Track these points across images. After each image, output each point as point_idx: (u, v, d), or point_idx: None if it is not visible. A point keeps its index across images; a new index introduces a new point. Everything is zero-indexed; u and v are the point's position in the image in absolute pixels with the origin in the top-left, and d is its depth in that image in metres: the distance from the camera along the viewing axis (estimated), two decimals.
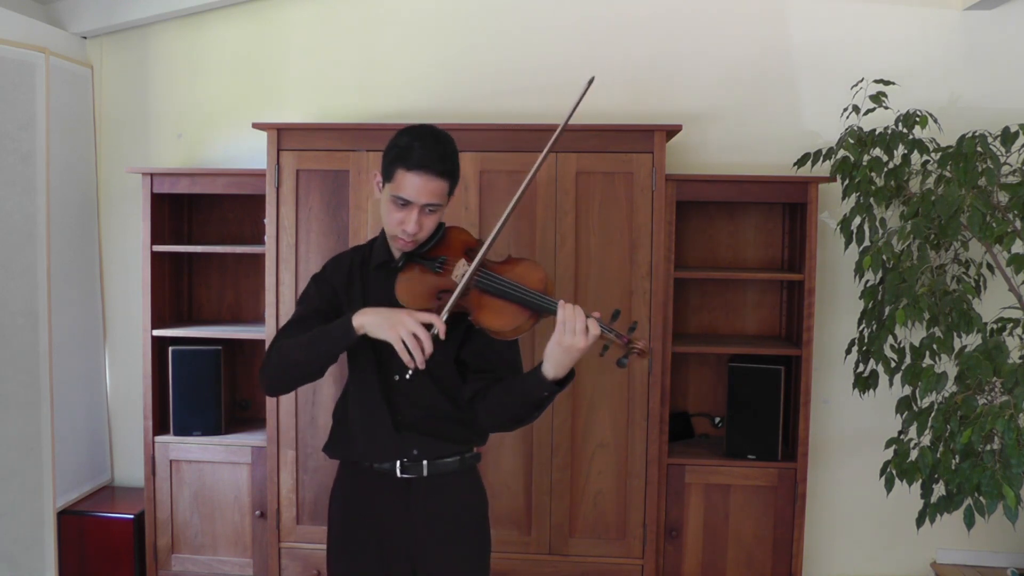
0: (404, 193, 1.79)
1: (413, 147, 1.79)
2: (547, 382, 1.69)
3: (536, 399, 1.73)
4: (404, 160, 1.79)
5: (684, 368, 3.35)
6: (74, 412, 3.40)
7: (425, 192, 1.79)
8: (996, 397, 2.51)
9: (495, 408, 1.81)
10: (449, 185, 1.85)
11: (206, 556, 3.23)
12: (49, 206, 3.12)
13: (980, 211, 2.56)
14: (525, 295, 1.76)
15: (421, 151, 1.79)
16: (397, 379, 1.89)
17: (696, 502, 3.08)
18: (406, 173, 1.79)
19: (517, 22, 3.36)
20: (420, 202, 1.80)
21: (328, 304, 1.94)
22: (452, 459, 1.93)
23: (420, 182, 1.79)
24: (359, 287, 1.94)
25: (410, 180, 1.79)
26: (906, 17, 3.22)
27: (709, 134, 3.31)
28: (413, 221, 1.80)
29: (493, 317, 1.77)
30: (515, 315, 1.76)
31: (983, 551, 3.27)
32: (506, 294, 1.78)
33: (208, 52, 3.51)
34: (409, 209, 1.80)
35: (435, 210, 1.84)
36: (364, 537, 1.93)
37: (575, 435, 2.97)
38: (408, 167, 1.79)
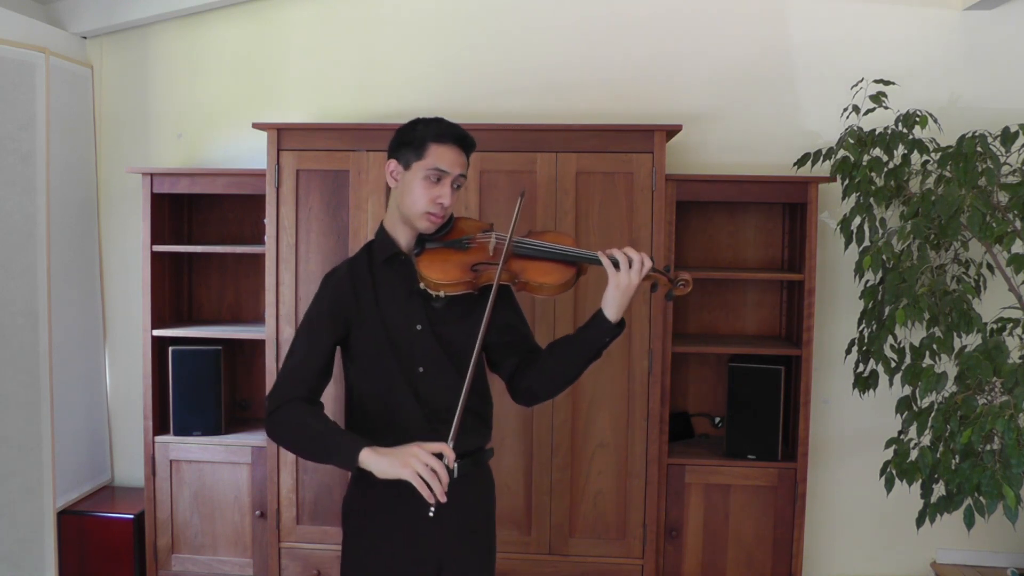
0: (442, 164, 1.86)
1: (441, 124, 1.89)
2: (610, 325, 1.82)
3: (598, 346, 1.85)
4: (438, 136, 1.87)
5: (684, 368, 3.35)
6: (74, 412, 3.40)
7: (459, 163, 1.88)
8: (996, 397, 2.51)
9: (552, 370, 1.90)
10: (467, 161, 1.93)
11: (206, 556, 3.23)
12: (49, 206, 3.12)
13: (980, 211, 2.55)
14: (565, 252, 1.87)
15: (448, 126, 1.89)
16: (422, 371, 1.89)
17: (696, 502, 3.08)
18: (441, 147, 1.86)
19: (517, 22, 3.36)
20: (455, 172, 1.87)
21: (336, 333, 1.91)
22: (474, 458, 1.95)
23: (454, 154, 1.88)
24: (370, 290, 1.92)
25: (445, 151, 1.86)
26: (906, 17, 3.22)
27: (709, 134, 3.31)
28: (448, 195, 1.87)
29: (540, 275, 1.86)
30: (560, 271, 1.87)
31: (983, 551, 3.27)
32: (546, 255, 1.88)
33: (208, 52, 3.51)
34: (444, 182, 1.87)
35: (461, 185, 1.91)
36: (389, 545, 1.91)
37: (575, 435, 2.97)
38: (443, 140, 1.87)
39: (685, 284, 1.84)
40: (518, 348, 1.95)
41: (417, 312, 1.90)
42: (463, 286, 1.84)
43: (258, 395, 3.49)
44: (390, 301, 1.90)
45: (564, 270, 1.86)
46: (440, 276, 1.84)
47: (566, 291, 1.89)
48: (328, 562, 3.05)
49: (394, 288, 1.91)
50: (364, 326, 1.90)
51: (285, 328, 3.02)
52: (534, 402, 1.97)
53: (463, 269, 1.86)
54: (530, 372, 1.91)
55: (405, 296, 1.90)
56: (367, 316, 1.90)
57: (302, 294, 3.02)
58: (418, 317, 1.89)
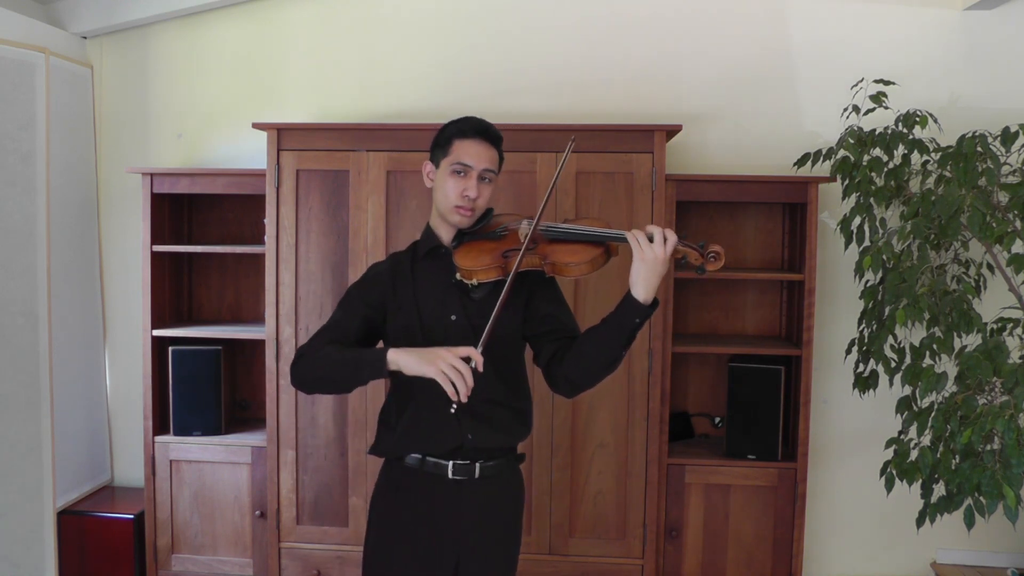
0: (465, 159, 1.91)
1: (466, 121, 1.95)
2: (640, 305, 1.77)
3: (630, 328, 1.79)
4: (460, 131, 1.93)
5: (684, 368, 3.35)
6: (74, 412, 3.40)
7: (484, 157, 1.92)
8: (996, 397, 2.51)
9: (587, 355, 1.85)
10: (499, 157, 1.97)
11: (206, 556, 3.23)
12: (49, 206, 3.12)
13: (980, 211, 2.55)
14: (592, 232, 1.87)
15: (472, 121, 1.95)
16: None
17: (696, 502, 3.08)
18: (463, 141, 1.92)
19: (517, 22, 3.36)
20: (479, 167, 1.91)
21: (372, 308, 1.96)
22: (500, 460, 1.96)
23: (479, 148, 1.92)
24: (409, 279, 1.96)
25: (469, 146, 1.92)
26: (906, 17, 3.22)
27: (709, 134, 3.31)
28: (474, 186, 1.90)
29: (566, 255, 1.86)
30: (587, 250, 1.86)
31: (983, 551, 3.27)
32: (574, 236, 1.89)
33: (208, 52, 3.51)
34: (468, 175, 1.91)
35: (490, 179, 1.94)
36: (410, 540, 1.93)
37: (575, 435, 2.97)
38: (466, 136, 1.93)
39: (716, 257, 1.78)
40: (556, 337, 1.93)
41: (453, 303, 1.93)
42: (494, 271, 1.87)
43: (258, 395, 3.49)
44: (428, 292, 1.94)
45: (590, 249, 1.86)
46: (472, 263, 1.88)
47: (595, 270, 1.87)
48: (328, 562, 3.05)
49: (433, 280, 1.95)
50: (399, 315, 1.94)
51: (285, 328, 3.02)
52: (573, 391, 1.94)
53: (494, 255, 1.89)
54: (567, 359, 1.88)
55: (443, 288, 1.93)
56: (403, 305, 1.94)
57: (302, 294, 3.02)
58: (454, 308, 1.92)
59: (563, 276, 1.89)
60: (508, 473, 1.99)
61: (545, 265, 1.87)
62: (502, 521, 1.98)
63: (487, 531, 1.94)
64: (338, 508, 3.05)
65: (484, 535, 1.94)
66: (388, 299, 1.96)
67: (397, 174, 2.96)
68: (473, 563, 1.93)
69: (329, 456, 3.04)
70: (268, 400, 3.05)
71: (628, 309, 1.79)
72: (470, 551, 1.93)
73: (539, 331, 1.95)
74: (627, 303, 1.79)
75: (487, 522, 1.94)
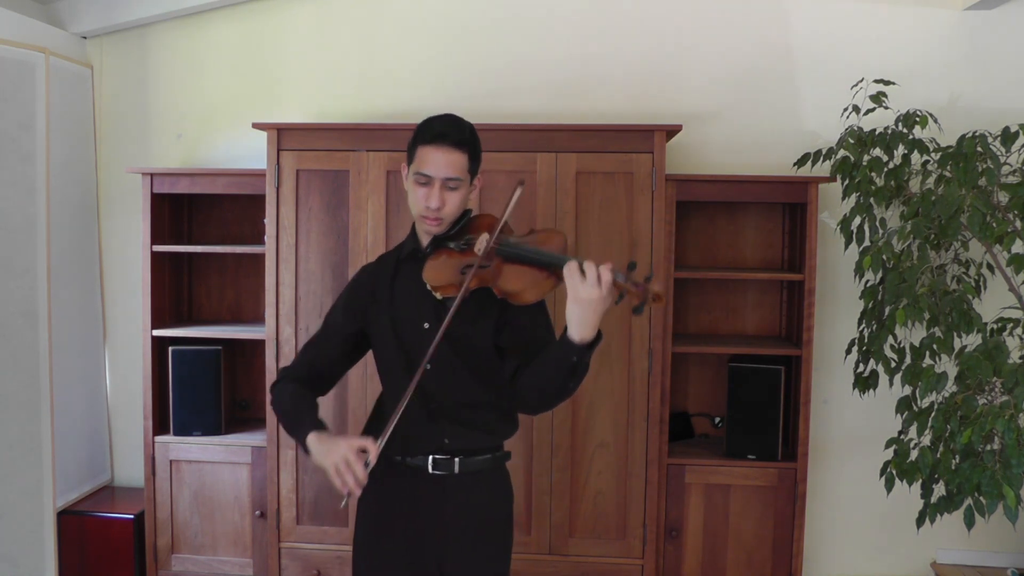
0: (425, 168, 1.83)
1: (431, 124, 1.86)
2: (573, 345, 1.65)
3: (568, 365, 1.69)
4: (423, 136, 1.85)
5: (684, 368, 3.35)
6: (74, 412, 3.40)
7: (444, 165, 1.82)
8: (996, 397, 2.51)
9: (534, 382, 1.79)
10: (468, 159, 1.86)
11: (206, 556, 3.23)
12: (49, 206, 3.12)
13: (980, 211, 2.55)
14: (542, 256, 1.75)
15: (439, 124, 1.85)
16: (429, 367, 1.86)
17: (696, 502, 3.08)
18: (425, 147, 1.84)
19: (517, 22, 3.36)
20: (440, 176, 1.82)
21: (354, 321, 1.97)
22: (484, 457, 1.94)
23: (438, 155, 1.83)
24: (388, 285, 1.95)
25: (428, 154, 1.83)
26: (906, 17, 3.22)
27: (709, 134, 3.31)
28: (436, 196, 1.83)
29: (513, 281, 1.77)
30: (533, 276, 1.75)
31: (983, 551, 3.27)
32: (525, 258, 1.78)
33: (208, 52, 3.50)
34: (431, 185, 1.83)
35: (456, 186, 1.85)
36: (393, 535, 1.94)
37: (575, 435, 2.97)
38: (425, 141, 1.84)
39: (656, 297, 1.61)
40: (523, 352, 1.84)
41: (428, 310, 1.90)
42: (452, 288, 1.81)
43: (258, 395, 3.49)
44: (405, 297, 1.93)
45: (536, 275, 1.75)
46: (434, 278, 1.84)
47: (544, 295, 1.78)
48: (328, 562, 3.05)
49: (410, 285, 1.92)
50: (378, 320, 1.94)
51: (285, 328, 3.02)
52: (533, 411, 1.92)
53: (453, 272, 1.83)
54: (522, 378, 1.81)
55: (420, 294, 1.90)
56: (381, 310, 1.94)
57: (302, 294, 3.02)
58: (428, 315, 1.90)
59: (512, 302, 1.78)
60: (492, 470, 1.97)
61: (495, 288, 1.78)
62: (487, 518, 1.96)
63: (471, 527, 1.93)
64: (338, 508, 3.05)
65: (468, 531, 1.93)
66: (369, 306, 1.96)
67: (397, 174, 2.96)
68: (458, 559, 1.92)
69: None
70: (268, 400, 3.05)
71: (564, 347, 1.67)
72: (455, 547, 1.92)
73: (507, 343, 1.87)
74: (563, 341, 1.68)
75: (471, 518, 1.93)
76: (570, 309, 1.64)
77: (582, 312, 1.63)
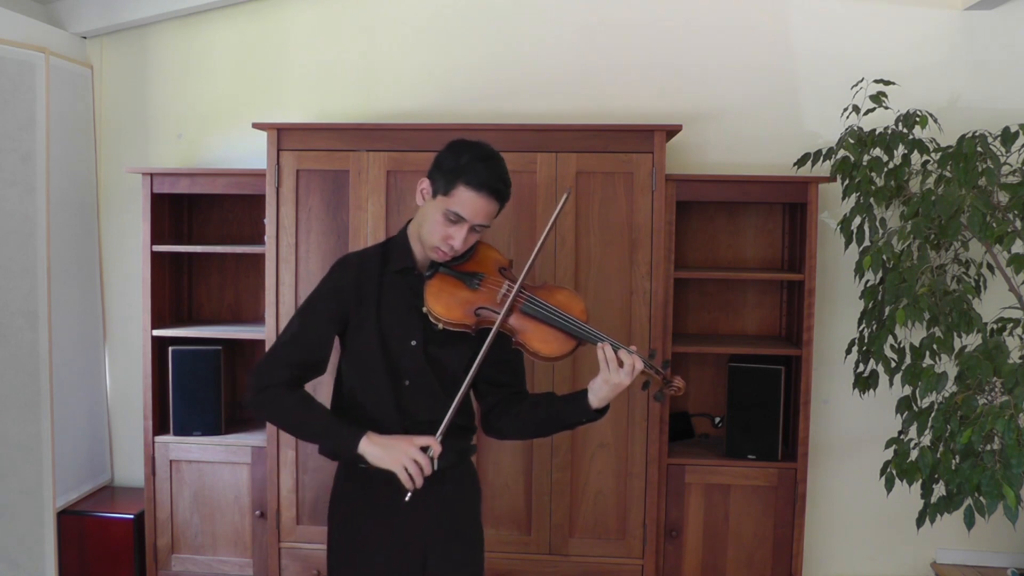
0: (461, 210, 1.81)
1: (479, 168, 1.81)
2: (591, 411, 1.86)
3: (573, 423, 1.91)
4: (469, 178, 1.80)
5: (684, 368, 3.34)
6: (74, 412, 3.40)
7: (481, 213, 1.83)
8: (996, 397, 2.51)
9: (526, 425, 1.96)
10: (499, 208, 1.89)
11: (206, 556, 3.23)
12: (49, 206, 3.12)
13: (980, 211, 2.55)
14: (571, 324, 1.85)
15: (487, 172, 1.81)
16: (408, 384, 1.90)
17: (696, 502, 3.08)
18: (468, 191, 1.80)
19: (517, 23, 3.36)
20: (474, 222, 1.83)
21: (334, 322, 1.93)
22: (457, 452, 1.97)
23: (480, 203, 1.81)
24: (373, 290, 1.92)
25: (470, 199, 1.81)
26: (906, 17, 3.22)
27: (709, 134, 3.31)
28: (461, 238, 1.83)
29: (541, 343, 1.84)
30: (562, 342, 1.85)
31: (983, 551, 3.27)
32: (551, 320, 1.85)
33: (208, 52, 3.51)
34: (460, 226, 1.82)
35: (481, 230, 1.88)
36: (372, 537, 1.94)
37: (575, 435, 2.96)
38: (471, 185, 1.80)
39: (677, 390, 1.88)
40: (505, 387, 1.98)
41: (415, 328, 1.90)
42: (463, 327, 1.85)
43: None
44: (391, 311, 1.91)
45: (564, 342, 1.85)
46: (443, 312, 1.84)
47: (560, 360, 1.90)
48: None
49: (399, 299, 1.91)
50: (361, 328, 1.91)
51: None
52: (500, 438, 2.04)
53: (466, 310, 1.85)
54: (507, 415, 1.95)
55: (408, 310, 1.90)
56: (366, 319, 1.91)
57: (302, 294, 3.02)
58: (415, 333, 1.90)
59: (529, 357, 1.89)
60: (462, 465, 2.01)
61: (514, 340, 1.86)
62: (463, 515, 2.00)
63: (450, 524, 1.96)
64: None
65: (447, 528, 1.96)
66: (351, 311, 1.92)
67: (397, 174, 2.96)
68: (440, 556, 1.94)
69: None
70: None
71: (578, 410, 1.87)
72: (435, 544, 1.94)
73: (491, 374, 1.96)
74: (579, 405, 1.87)
75: (448, 515, 1.96)
76: (599, 387, 1.83)
77: (610, 392, 1.82)
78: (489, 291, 1.87)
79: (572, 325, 1.84)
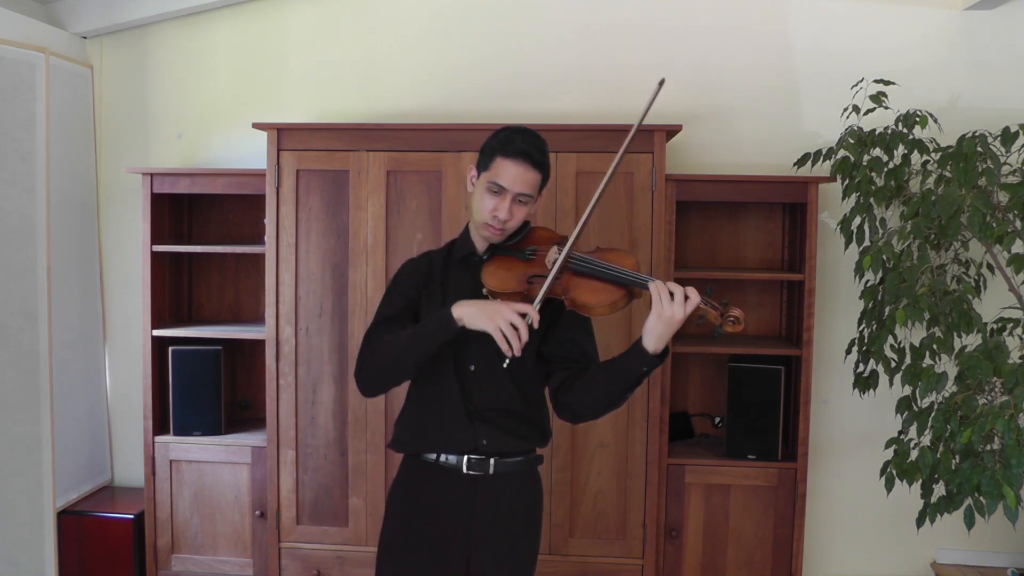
0: (501, 180, 1.86)
1: (514, 138, 1.88)
2: (648, 356, 1.76)
3: (636, 375, 1.79)
4: (504, 148, 1.87)
5: (684, 368, 3.35)
6: (74, 412, 3.40)
7: (520, 181, 1.87)
8: (996, 397, 2.51)
9: (591, 392, 1.86)
10: (542, 179, 1.92)
11: (206, 556, 3.23)
12: (49, 206, 3.12)
13: (980, 211, 2.55)
14: (617, 273, 1.83)
15: (522, 141, 1.88)
16: (473, 369, 1.91)
17: (696, 502, 3.08)
18: (505, 160, 1.87)
19: (517, 23, 3.36)
20: (514, 190, 1.86)
21: (411, 302, 1.98)
22: (517, 459, 1.96)
23: (518, 170, 1.86)
24: (439, 282, 1.97)
25: (508, 167, 1.86)
26: (906, 17, 3.22)
27: (709, 134, 3.31)
28: (506, 208, 1.86)
29: (588, 294, 1.83)
30: (609, 291, 1.83)
31: (983, 551, 3.27)
32: (599, 274, 1.84)
33: (208, 52, 3.51)
34: (503, 196, 1.87)
35: (526, 201, 1.89)
36: (423, 532, 1.94)
37: (575, 435, 2.97)
38: (507, 155, 1.87)
39: (735, 321, 1.75)
40: (572, 363, 1.93)
41: None
42: (516, 296, 1.85)
43: (258, 395, 3.49)
44: (456, 296, 1.93)
45: (613, 291, 1.83)
46: (497, 284, 1.87)
47: (615, 312, 1.86)
48: (328, 562, 3.05)
49: (462, 286, 1.95)
50: (429, 312, 1.95)
51: (285, 328, 3.03)
52: (575, 420, 1.95)
53: (519, 279, 1.87)
54: (573, 390, 1.88)
55: (470, 295, 1.92)
56: (432, 304, 1.95)
57: (302, 294, 3.02)
58: None
59: (582, 314, 1.86)
60: (525, 473, 1.99)
61: (566, 299, 1.85)
62: (516, 519, 1.98)
63: (500, 528, 1.95)
64: (338, 508, 3.05)
65: (497, 532, 1.94)
66: (421, 295, 1.98)
67: (397, 174, 2.96)
68: (485, 560, 1.93)
69: (329, 456, 3.04)
70: (268, 400, 3.05)
71: (636, 357, 1.78)
72: (482, 547, 1.93)
73: (556, 353, 1.94)
74: (636, 352, 1.78)
75: (501, 519, 1.94)
76: (652, 324, 1.74)
77: (664, 327, 1.73)
78: (540, 260, 1.91)
79: (621, 274, 1.82)
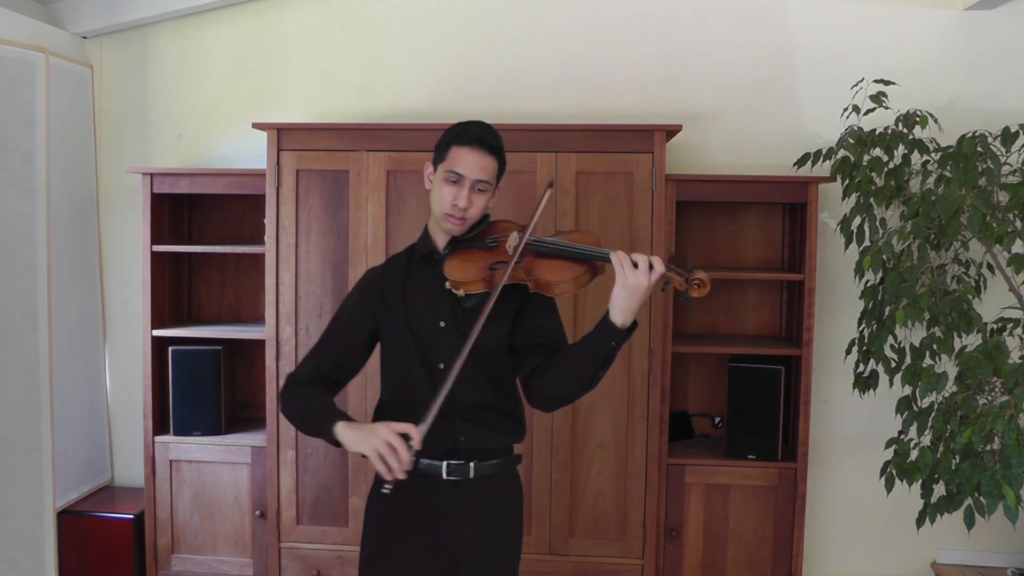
0: (458, 167, 1.88)
1: (468, 127, 1.91)
2: (616, 329, 1.73)
3: (607, 351, 1.76)
4: (459, 137, 1.90)
5: (684, 368, 3.35)
6: (74, 412, 3.40)
7: (477, 167, 1.88)
8: (996, 397, 2.51)
9: (563, 374, 1.84)
10: (498, 166, 1.93)
11: (206, 556, 3.23)
12: (49, 206, 3.12)
13: (980, 211, 2.55)
14: (579, 249, 1.84)
15: (476, 128, 1.91)
16: (442, 367, 1.89)
17: (696, 502, 3.08)
18: (460, 148, 1.89)
19: (518, 22, 3.36)
20: (472, 176, 1.87)
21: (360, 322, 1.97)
22: (496, 461, 1.95)
23: (474, 157, 1.88)
24: (399, 285, 1.96)
25: (464, 155, 1.88)
26: (906, 17, 3.22)
27: (709, 134, 3.31)
28: (465, 196, 1.87)
29: (550, 272, 1.84)
30: (571, 268, 1.83)
31: (983, 551, 3.27)
32: (561, 252, 1.86)
33: (208, 52, 3.50)
34: (461, 184, 1.88)
35: (484, 189, 1.90)
36: (407, 541, 1.93)
37: (575, 435, 2.97)
38: (462, 143, 1.89)
39: (700, 284, 1.72)
40: (542, 347, 1.91)
41: (443, 309, 1.92)
42: (480, 284, 1.86)
43: (258, 395, 3.49)
44: (418, 297, 1.94)
45: (575, 267, 1.83)
46: (459, 275, 1.87)
47: (580, 288, 1.85)
48: (328, 562, 3.05)
49: (425, 285, 1.94)
50: (390, 320, 1.95)
51: (285, 328, 3.03)
52: (550, 406, 1.93)
53: (482, 268, 1.88)
54: (546, 373, 1.86)
55: (435, 294, 1.92)
56: (394, 310, 1.94)
57: (302, 294, 3.02)
58: (443, 314, 1.92)
59: (547, 294, 1.86)
60: (504, 474, 1.98)
61: (529, 281, 1.85)
62: (500, 522, 1.97)
63: (485, 532, 1.93)
64: (338, 508, 3.05)
65: (483, 536, 1.93)
66: (378, 308, 1.96)
67: (397, 174, 2.97)
68: (473, 565, 1.92)
69: (329, 456, 3.04)
70: (268, 400, 3.05)
71: (604, 332, 1.75)
72: (469, 553, 1.92)
73: (525, 342, 1.92)
74: (603, 326, 1.76)
75: (485, 523, 1.93)
76: (617, 295, 1.73)
77: (629, 297, 1.72)
78: (502, 246, 1.91)
79: (582, 251, 1.83)
